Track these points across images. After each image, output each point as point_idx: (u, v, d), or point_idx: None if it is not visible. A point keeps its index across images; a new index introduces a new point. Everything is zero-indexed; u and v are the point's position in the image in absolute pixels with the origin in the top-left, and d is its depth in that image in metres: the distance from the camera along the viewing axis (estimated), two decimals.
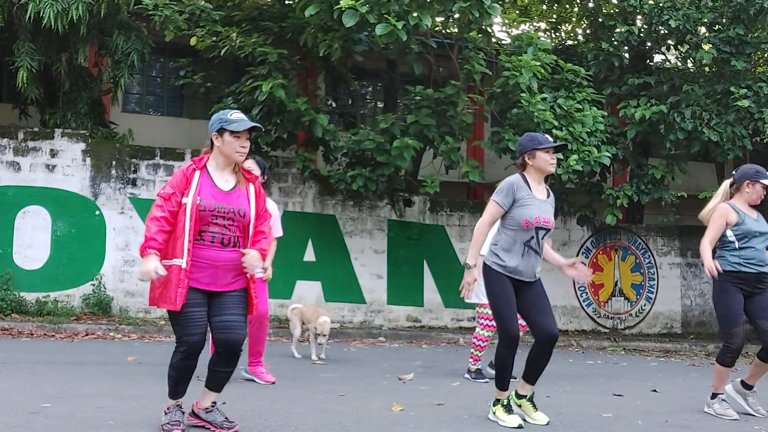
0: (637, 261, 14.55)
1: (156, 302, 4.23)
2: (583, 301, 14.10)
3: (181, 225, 4.17)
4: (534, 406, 5.05)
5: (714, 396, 5.77)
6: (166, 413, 4.34)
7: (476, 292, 5.68)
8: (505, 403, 4.98)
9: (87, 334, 9.85)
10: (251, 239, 4.33)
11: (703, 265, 5.67)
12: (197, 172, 4.27)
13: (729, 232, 5.66)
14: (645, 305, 14.48)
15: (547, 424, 4.95)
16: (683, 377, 8.51)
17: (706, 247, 5.67)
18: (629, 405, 6.03)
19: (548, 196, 5.08)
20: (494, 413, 5.03)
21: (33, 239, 11.09)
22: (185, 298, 4.12)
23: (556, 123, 11.22)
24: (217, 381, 4.38)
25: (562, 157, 10.88)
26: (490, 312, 5.69)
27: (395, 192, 12.94)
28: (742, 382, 5.87)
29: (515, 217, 4.92)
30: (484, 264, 5.03)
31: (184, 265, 4.12)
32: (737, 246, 5.61)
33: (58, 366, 6.95)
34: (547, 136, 5.10)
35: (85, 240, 11.34)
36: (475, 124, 13.00)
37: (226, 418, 4.39)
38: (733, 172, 5.94)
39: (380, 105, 15.66)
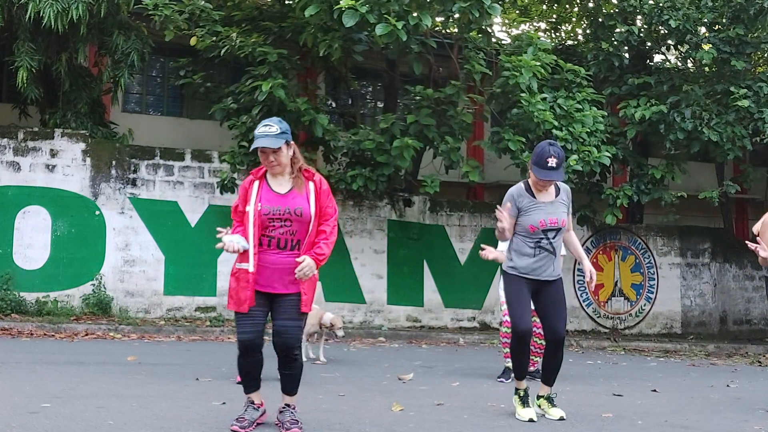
0: (637, 261, 14.55)
1: (231, 306, 4.43)
2: (583, 301, 14.10)
3: (248, 232, 4.37)
4: (550, 402, 5.24)
5: None
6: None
7: None
8: (522, 395, 5.18)
9: (87, 334, 9.86)
10: (309, 239, 4.39)
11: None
12: (256, 182, 4.44)
13: None
14: (645, 305, 14.47)
15: (561, 419, 5.11)
16: (683, 377, 8.51)
17: None
18: (629, 405, 6.03)
19: (557, 195, 5.20)
20: (513, 402, 5.28)
21: (33, 239, 11.09)
22: (252, 300, 4.33)
23: (556, 123, 11.22)
24: (283, 383, 4.54)
25: None
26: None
27: (395, 192, 12.93)
28: None
29: (522, 224, 5.15)
30: (502, 269, 5.28)
31: (251, 269, 4.32)
32: None
33: (58, 366, 6.94)
34: (551, 160, 4.96)
35: (85, 240, 11.34)
36: (475, 124, 12.99)
37: (293, 419, 4.47)
38: None
39: (380, 105, 15.66)
